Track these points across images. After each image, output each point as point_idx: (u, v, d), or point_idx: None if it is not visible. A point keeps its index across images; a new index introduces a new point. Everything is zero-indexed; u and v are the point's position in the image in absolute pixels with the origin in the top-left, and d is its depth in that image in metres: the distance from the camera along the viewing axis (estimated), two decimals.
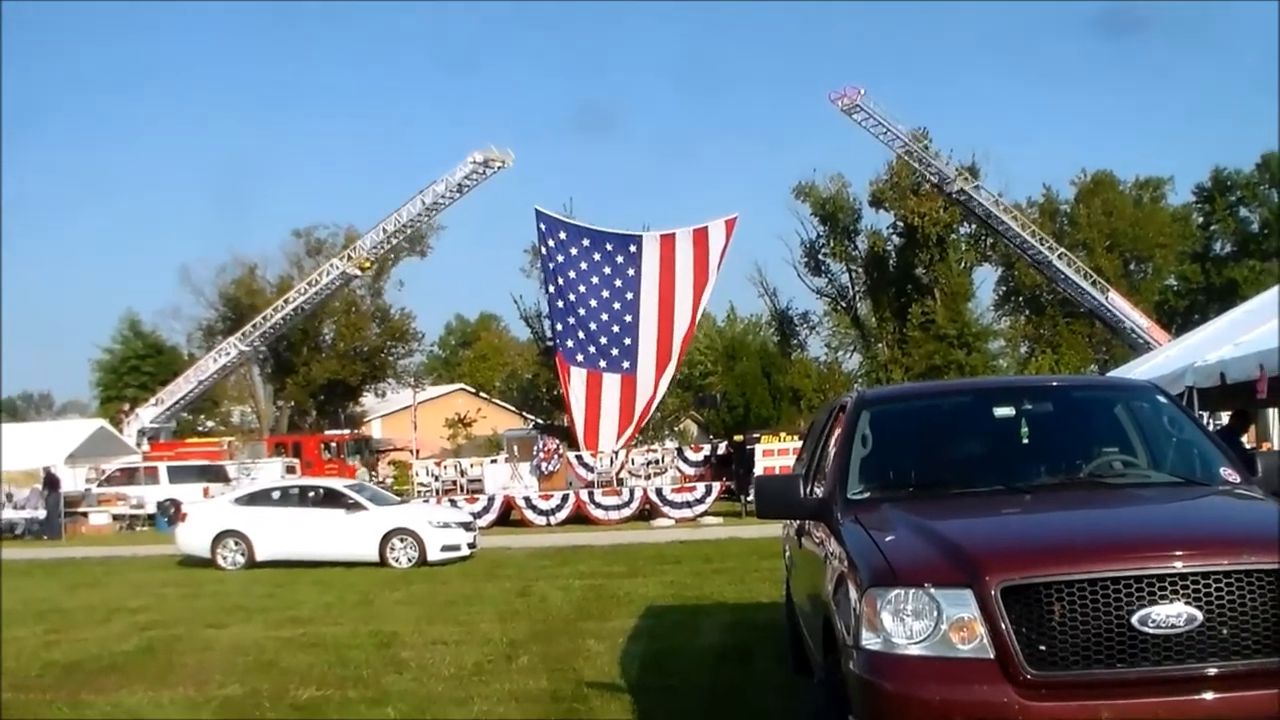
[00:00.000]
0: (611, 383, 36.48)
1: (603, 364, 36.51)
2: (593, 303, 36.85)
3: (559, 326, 37.13)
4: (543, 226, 36.94)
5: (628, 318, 36.70)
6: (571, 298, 36.79)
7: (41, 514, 35.62)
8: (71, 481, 39.63)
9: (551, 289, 37.21)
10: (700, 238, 37.13)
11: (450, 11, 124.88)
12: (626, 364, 36.56)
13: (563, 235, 37.06)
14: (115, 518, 38.19)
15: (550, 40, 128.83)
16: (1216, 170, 75.26)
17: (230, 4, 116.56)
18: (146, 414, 53.56)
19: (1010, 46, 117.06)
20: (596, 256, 36.96)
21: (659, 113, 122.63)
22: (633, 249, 37.05)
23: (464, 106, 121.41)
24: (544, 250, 37.20)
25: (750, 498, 20.39)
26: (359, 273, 55.51)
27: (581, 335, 36.72)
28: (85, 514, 37.92)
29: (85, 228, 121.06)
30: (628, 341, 36.67)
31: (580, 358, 36.62)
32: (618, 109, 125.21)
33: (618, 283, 36.90)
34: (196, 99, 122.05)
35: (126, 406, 55.69)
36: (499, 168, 50.49)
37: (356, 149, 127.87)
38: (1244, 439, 15.23)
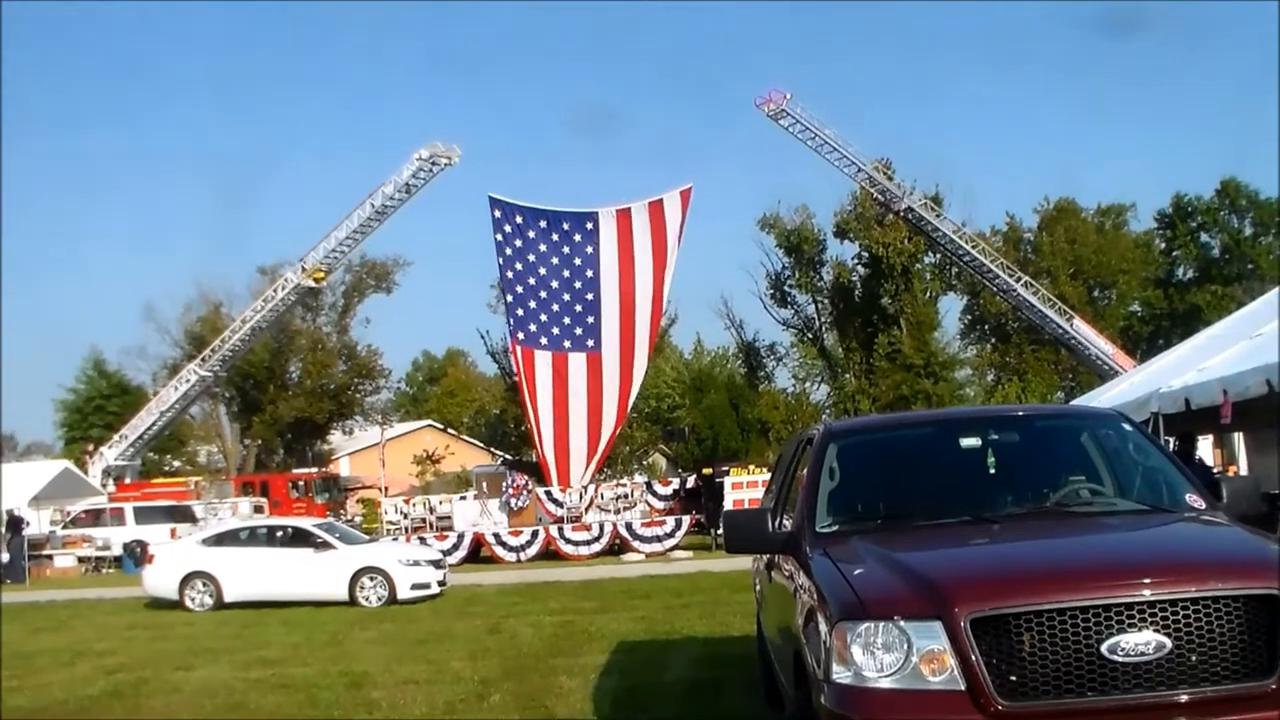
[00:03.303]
0: (578, 363, 36.47)
1: (567, 344, 36.51)
2: (554, 284, 36.83)
3: (520, 312, 36.79)
4: (497, 213, 36.73)
5: (589, 296, 36.77)
6: (531, 281, 36.74)
7: (5, 557, 35.28)
8: (36, 523, 39.32)
9: (510, 274, 36.90)
10: (656, 211, 37.31)
11: (441, 20, 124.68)
12: (591, 342, 36.62)
13: (519, 219, 36.98)
14: (81, 560, 37.90)
15: (534, 53, 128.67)
16: (1177, 196, 76.17)
17: (201, 26, 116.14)
18: (111, 452, 53.09)
19: (977, 76, 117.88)
20: (554, 237, 37.02)
21: (626, 143, 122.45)
22: (589, 226, 37.18)
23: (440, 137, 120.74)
24: (499, 237, 36.76)
25: (720, 531, 20.41)
26: (314, 283, 54.58)
27: (544, 318, 36.66)
28: (50, 556, 37.62)
29: (48, 265, 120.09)
30: (590, 320, 36.71)
31: (544, 340, 36.54)
32: (586, 131, 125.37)
33: (577, 261, 36.98)
34: (166, 135, 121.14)
35: (91, 446, 55.17)
36: (446, 165, 50.08)
37: (329, 188, 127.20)
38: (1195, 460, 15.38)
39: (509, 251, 36.74)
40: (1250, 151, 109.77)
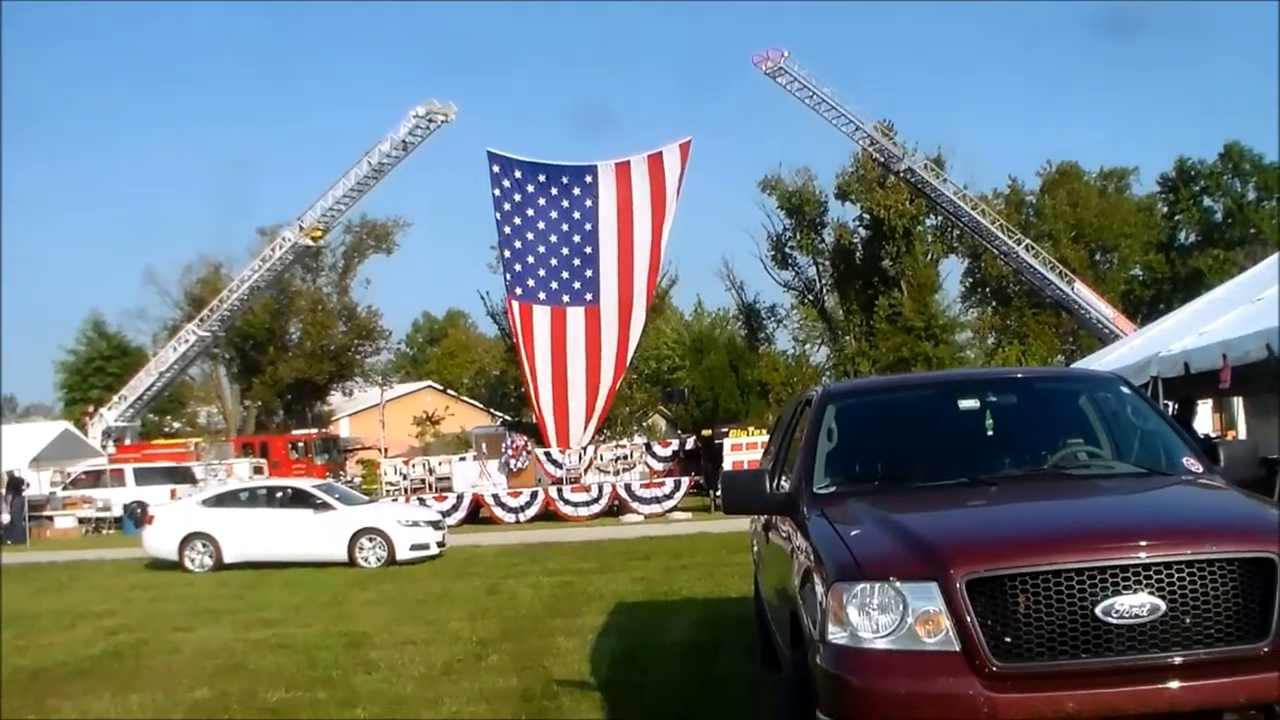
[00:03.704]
0: (576, 317, 36.48)
1: (565, 298, 36.55)
2: (552, 238, 36.81)
3: (518, 268, 36.70)
4: (496, 168, 36.59)
5: (588, 249, 36.80)
6: (530, 236, 36.67)
7: (5, 518, 35.33)
8: (37, 485, 39.37)
9: (508, 230, 36.74)
10: (655, 164, 37.27)
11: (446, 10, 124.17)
12: (589, 296, 36.65)
13: (517, 174, 36.88)
14: (81, 521, 37.93)
15: (533, 39, 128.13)
16: (1180, 160, 76.00)
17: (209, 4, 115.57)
18: (111, 413, 53.11)
19: (979, 40, 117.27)
20: (553, 191, 36.98)
21: (629, 106, 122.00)
22: (588, 179, 37.16)
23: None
24: (498, 192, 36.55)
25: (719, 492, 20.42)
26: (311, 242, 54.24)
27: (542, 272, 36.65)
28: (50, 518, 37.64)
29: (48, 228, 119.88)
30: (589, 273, 36.74)
31: (542, 295, 36.51)
32: (590, 103, 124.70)
33: (576, 215, 36.95)
34: (169, 98, 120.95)
35: (91, 408, 55.17)
36: (442, 121, 49.73)
37: (332, 151, 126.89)
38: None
39: (507, 206, 36.56)
40: (1254, 115, 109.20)
